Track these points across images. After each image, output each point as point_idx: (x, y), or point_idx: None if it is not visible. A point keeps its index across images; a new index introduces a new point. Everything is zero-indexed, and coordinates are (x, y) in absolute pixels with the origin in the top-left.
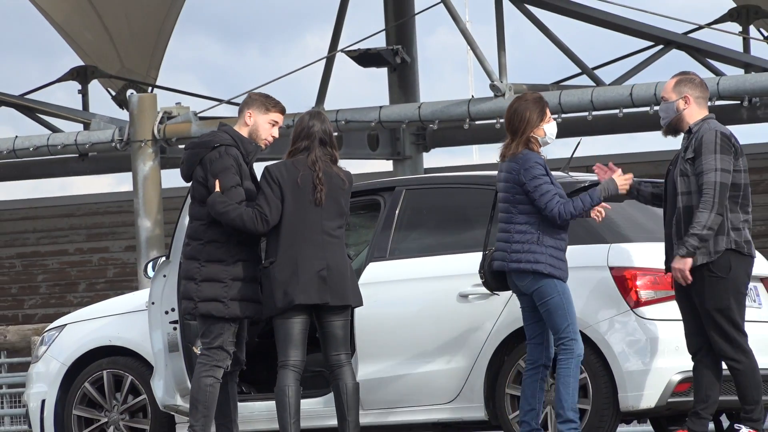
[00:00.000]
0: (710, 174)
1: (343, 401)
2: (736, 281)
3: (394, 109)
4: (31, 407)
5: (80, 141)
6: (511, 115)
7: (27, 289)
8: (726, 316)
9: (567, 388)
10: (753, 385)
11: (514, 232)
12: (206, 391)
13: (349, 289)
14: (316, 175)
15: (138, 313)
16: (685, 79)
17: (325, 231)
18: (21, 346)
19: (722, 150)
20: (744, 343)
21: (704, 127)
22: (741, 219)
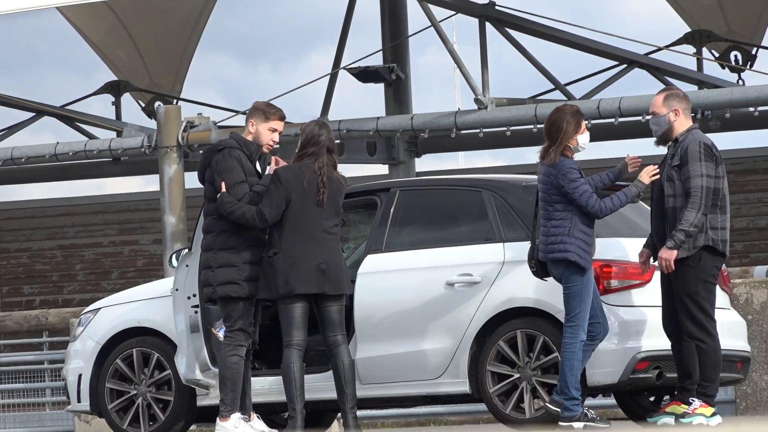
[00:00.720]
0: (697, 179)
1: (341, 376)
2: (704, 271)
3: (390, 119)
4: (69, 381)
5: (113, 147)
6: (550, 125)
7: (66, 276)
8: (694, 300)
9: (571, 369)
10: (713, 364)
11: (551, 226)
12: (232, 368)
13: (344, 280)
14: (321, 179)
15: (164, 299)
16: (672, 93)
17: (324, 229)
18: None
19: (706, 158)
20: (710, 326)
21: (689, 137)
22: (719, 220)
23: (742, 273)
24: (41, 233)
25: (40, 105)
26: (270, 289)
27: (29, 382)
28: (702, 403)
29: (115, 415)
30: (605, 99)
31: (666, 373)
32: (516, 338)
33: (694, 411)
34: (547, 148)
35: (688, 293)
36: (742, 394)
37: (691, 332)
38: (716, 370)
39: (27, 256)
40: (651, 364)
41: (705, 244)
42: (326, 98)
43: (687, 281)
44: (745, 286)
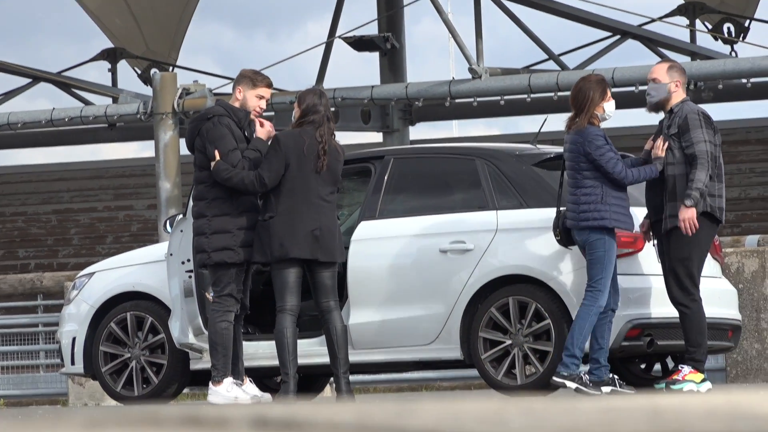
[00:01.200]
0: (701, 144)
1: (334, 341)
2: (699, 239)
3: (384, 88)
4: (64, 344)
5: (109, 113)
6: (576, 93)
7: (61, 240)
8: (685, 265)
9: (581, 330)
10: (698, 329)
11: (581, 194)
12: (222, 334)
13: (336, 248)
14: (322, 147)
15: (158, 263)
16: (675, 66)
17: (320, 196)
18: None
19: (706, 125)
20: (694, 292)
21: (685, 108)
22: (716, 187)
23: (734, 242)
24: (37, 198)
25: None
26: (265, 252)
27: (23, 345)
28: (692, 370)
29: (108, 378)
30: (599, 69)
31: (657, 340)
32: (508, 305)
33: (684, 377)
34: (573, 117)
35: (681, 257)
36: (733, 362)
37: (675, 297)
38: (702, 335)
39: (22, 220)
40: (642, 332)
41: (704, 210)
42: (321, 66)
43: (681, 246)
44: (736, 256)
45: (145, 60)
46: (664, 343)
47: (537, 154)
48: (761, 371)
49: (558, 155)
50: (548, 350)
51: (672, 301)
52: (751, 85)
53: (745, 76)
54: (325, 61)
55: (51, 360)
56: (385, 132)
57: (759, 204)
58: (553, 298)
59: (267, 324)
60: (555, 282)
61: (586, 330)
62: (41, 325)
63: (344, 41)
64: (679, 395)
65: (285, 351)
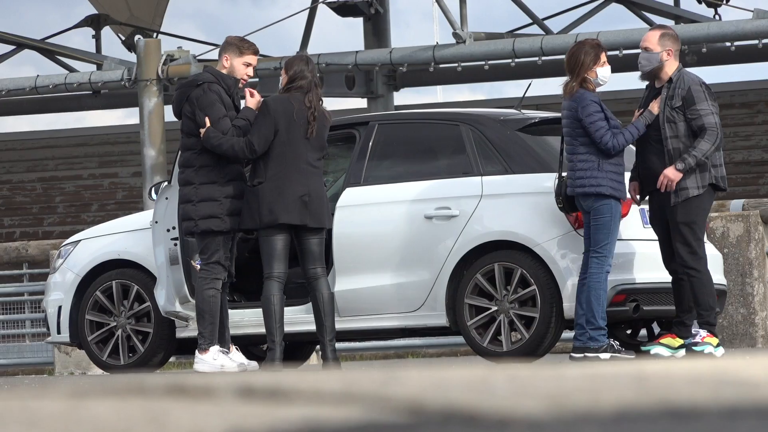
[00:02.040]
0: (709, 117)
1: (320, 308)
2: (704, 204)
3: (369, 53)
4: (49, 312)
5: (94, 80)
6: (569, 57)
7: (46, 209)
8: (692, 229)
9: (598, 299)
10: (708, 293)
11: (577, 161)
12: (210, 301)
13: (325, 214)
14: (311, 113)
15: (143, 231)
16: (667, 33)
17: (309, 161)
18: (41, 258)
19: (709, 97)
20: (703, 256)
21: (686, 78)
22: (718, 157)
23: (719, 207)
24: (21, 166)
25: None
26: (254, 218)
27: (9, 314)
28: (708, 333)
29: (94, 347)
30: (583, 34)
31: (642, 306)
32: (494, 271)
33: (704, 339)
34: (568, 83)
35: (688, 222)
36: (718, 328)
37: (686, 261)
38: (713, 298)
39: (7, 189)
40: (628, 297)
41: (710, 182)
42: (305, 32)
43: (689, 211)
44: (721, 220)
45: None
46: (649, 308)
47: (521, 119)
48: (747, 336)
49: (543, 120)
50: (534, 316)
51: (683, 266)
52: (735, 49)
53: (728, 39)
54: (309, 26)
55: (37, 329)
56: (369, 98)
57: (743, 168)
58: (539, 264)
59: (252, 292)
60: (540, 248)
61: (602, 298)
62: (27, 294)
63: (328, 6)
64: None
65: (272, 318)
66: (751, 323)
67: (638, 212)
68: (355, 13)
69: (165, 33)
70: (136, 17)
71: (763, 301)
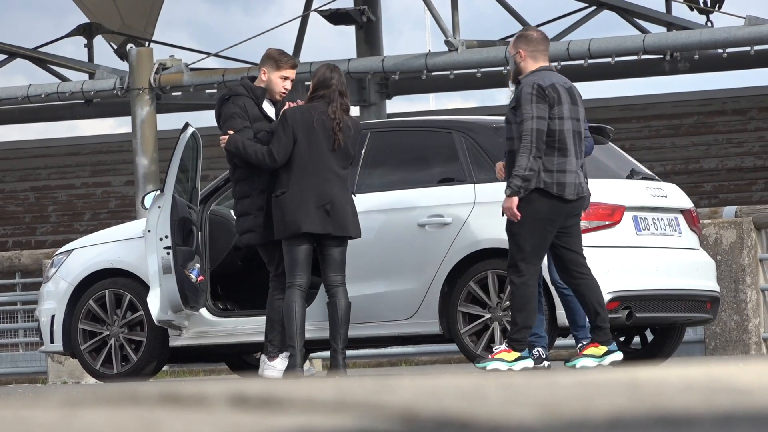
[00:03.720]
0: (528, 122)
1: (337, 317)
2: (534, 214)
3: (361, 61)
4: (42, 322)
5: (86, 89)
6: None
7: (39, 218)
8: (514, 240)
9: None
10: (518, 308)
11: None
12: (278, 311)
13: (349, 222)
14: (337, 124)
15: (136, 240)
16: (521, 35)
17: (332, 170)
18: (33, 268)
19: (537, 100)
20: (524, 269)
21: (526, 80)
22: (555, 162)
23: (711, 213)
24: (14, 175)
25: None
26: (278, 228)
27: (2, 323)
28: (506, 348)
29: (87, 356)
30: (575, 41)
31: (636, 312)
32: (486, 279)
33: (494, 355)
34: None
35: (513, 231)
36: (711, 334)
37: (509, 270)
38: (521, 315)
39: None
40: (621, 304)
41: (536, 186)
42: (297, 40)
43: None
44: (714, 227)
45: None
46: (642, 315)
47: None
48: (740, 343)
49: None
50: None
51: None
52: (727, 56)
53: (720, 46)
54: (301, 34)
55: (30, 338)
56: (362, 106)
57: (736, 175)
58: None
59: (245, 301)
60: None
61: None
62: (20, 303)
63: (320, 14)
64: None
65: (293, 324)
66: (744, 330)
67: (631, 219)
68: (347, 21)
69: (157, 42)
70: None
71: (756, 307)
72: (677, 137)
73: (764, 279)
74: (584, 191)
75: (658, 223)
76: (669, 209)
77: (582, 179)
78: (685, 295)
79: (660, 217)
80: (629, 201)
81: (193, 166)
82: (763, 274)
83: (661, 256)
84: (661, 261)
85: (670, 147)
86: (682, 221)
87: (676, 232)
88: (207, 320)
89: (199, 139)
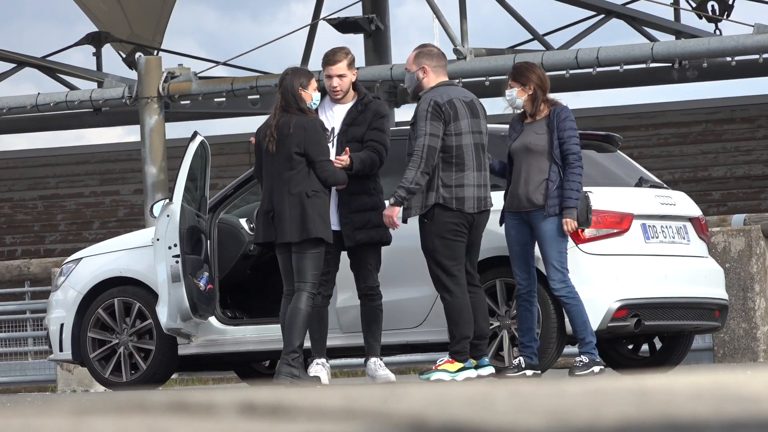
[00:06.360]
0: (420, 138)
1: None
2: (440, 228)
3: (370, 69)
4: (51, 330)
5: (94, 97)
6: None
7: (48, 226)
8: (433, 257)
9: None
10: (454, 321)
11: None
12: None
13: (286, 228)
14: (270, 132)
15: (145, 248)
16: (423, 51)
17: (278, 177)
18: (42, 276)
19: (432, 117)
20: (449, 282)
21: (425, 96)
22: (453, 177)
23: (720, 221)
24: (23, 184)
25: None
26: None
27: (11, 332)
28: (449, 359)
29: (96, 364)
30: (583, 49)
31: (644, 321)
32: (495, 287)
33: (437, 367)
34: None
35: (428, 249)
36: (720, 342)
37: (436, 287)
38: (458, 327)
39: (8, 207)
40: (629, 312)
41: (435, 201)
42: (306, 49)
43: (425, 238)
44: (722, 235)
45: (130, 44)
46: (651, 323)
47: None
48: (748, 350)
49: None
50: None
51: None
52: (735, 63)
53: (729, 54)
54: (310, 43)
55: (39, 347)
56: None
57: (744, 183)
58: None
59: (254, 309)
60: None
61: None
62: (29, 312)
63: (328, 23)
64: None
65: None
66: (752, 338)
67: (640, 227)
68: (356, 30)
69: (165, 50)
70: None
71: (764, 315)
72: (686, 145)
73: None
74: (486, 205)
75: (666, 231)
76: (677, 217)
77: (484, 193)
78: (693, 303)
79: (668, 225)
80: (638, 209)
81: (201, 175)
82: None
83: (669, 264)
84: (669, 269)
85: (678, 155)
86: (690, 229)
87: (685, 240)
88: (216, 329)
89: (207, 148)
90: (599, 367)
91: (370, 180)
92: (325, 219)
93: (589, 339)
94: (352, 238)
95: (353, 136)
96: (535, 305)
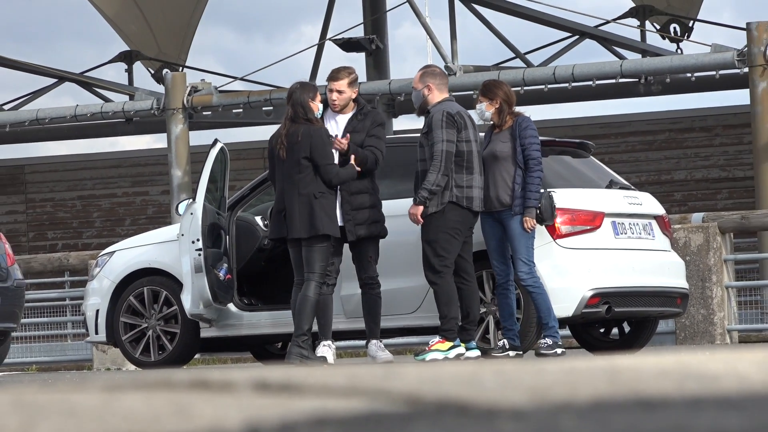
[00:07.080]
0: (438, 144)
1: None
2: (447, 223)
3: (370, 84)
4: (88, 315)
5: (126, 109)
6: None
7: (85, 223)
8: (432, 246)
9: None
10: (445, 302)
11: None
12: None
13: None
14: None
15: (171, 243)
16: (427, 72)
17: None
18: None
19: (447, 126)
20: (442, 270)
21: (436, 108)
22: (464, 179)
23: (681, 219)
24: (63, 185)
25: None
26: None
27: (53, 317)
28: (440, 339)
29: (128, 346)
30: (560, 66)
31: (614, 307)
32: (482, 277)
33: (430, 347)
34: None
35: (428, 240)
36: (681, 326)
37: (426, 275)
38: (447, 308)
39: (51, 206)
40: (601, 300)
41: (450, 200)
42: (314, 66)
43: (430, 230)
44: (683, 231)
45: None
46: (620, 309)
47: None
48: (707, 334)
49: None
50: (518, 317)
51: (426, 278)
52: (695, 79)
53: (689, 70)
54: (317, 61)
55: (77, 330)
56: None
57: (703, 185)
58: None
59: (268, 297)
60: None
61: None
62: (68, 299)
63: (334, 43)
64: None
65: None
66: (710, 323)
67: (610, 225)
68: (358, 49)
69: (189, 67)
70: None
71: (720, 303)
72: (651, 151)
73: (728, 277)
74: (483, 205)
75: (634, 228)
76: (643, 215)
77: (483, 194)
78: (658, 292)
79: (636, 223)
80: (608, 208)
81: (221, 177)
82: (726, 273)
83: (636, 257)
84: (636, 261)
85: (644, 160)
86: (655, 226)
87: (650, 235)
88: (234, 314)
89: (227, 153)
90: (561, 348)
91: (368, 181)
92: (332, 217)
93: (552, 323)
94: (353, 232)
95: (354, 142)
96: (513, 293)
